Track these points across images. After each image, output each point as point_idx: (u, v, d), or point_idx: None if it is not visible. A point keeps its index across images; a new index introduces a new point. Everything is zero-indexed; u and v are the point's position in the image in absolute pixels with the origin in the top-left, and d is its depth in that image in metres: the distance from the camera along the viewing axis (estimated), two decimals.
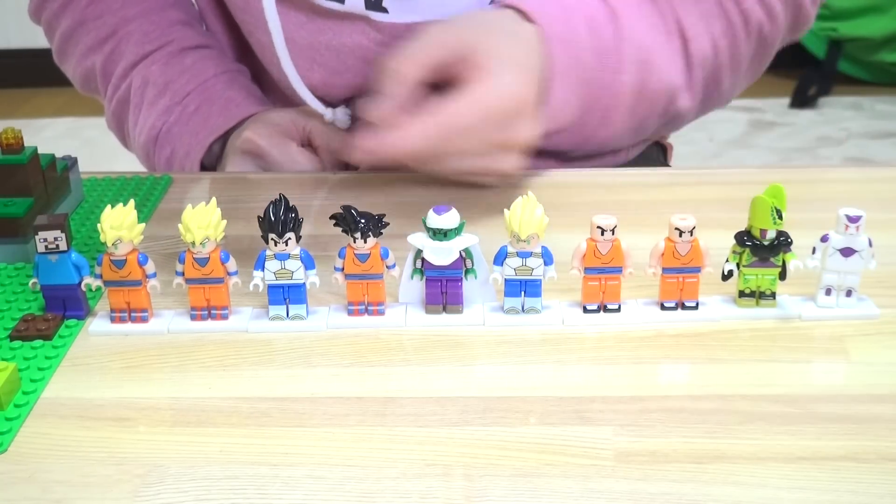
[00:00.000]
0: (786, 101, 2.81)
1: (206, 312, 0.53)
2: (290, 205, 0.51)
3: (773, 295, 0.53)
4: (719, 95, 0.78)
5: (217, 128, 0.78)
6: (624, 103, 0.71)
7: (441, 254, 0.52)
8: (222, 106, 0.79)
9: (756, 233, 0.52)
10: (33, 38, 3.29)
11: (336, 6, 0.74)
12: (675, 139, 0.93)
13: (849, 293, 0.53)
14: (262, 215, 0.51)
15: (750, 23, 0.74)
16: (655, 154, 0.89)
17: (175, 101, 0.79)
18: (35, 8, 0.87)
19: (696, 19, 0.72)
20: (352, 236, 0.52)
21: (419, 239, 0.53)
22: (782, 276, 0.53)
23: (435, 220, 0.52)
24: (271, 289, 0.53)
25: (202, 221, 0.51)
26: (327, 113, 0.76)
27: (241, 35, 0.83)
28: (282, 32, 0.73)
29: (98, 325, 0.54)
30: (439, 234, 0.52)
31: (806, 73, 2.82)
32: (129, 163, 0.87)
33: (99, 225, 0.51)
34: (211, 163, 0.80)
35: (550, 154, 0.75)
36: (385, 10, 0.74)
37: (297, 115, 0.78)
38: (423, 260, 0.53)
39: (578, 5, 0.70)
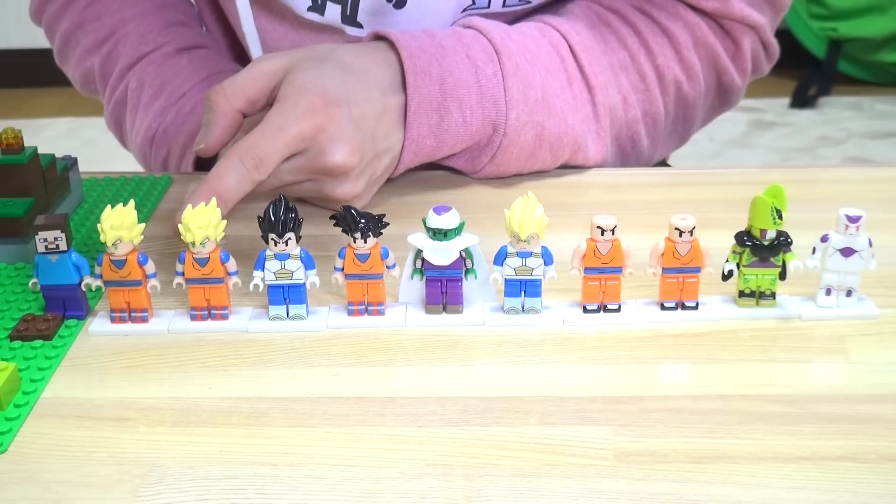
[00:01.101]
0: (786, 101, 2.81)
1: (206, 312, 0.54)
2: (290, 205, 0.51)
3: (773, 295, 0.53)
4: (637, 154, 0.76)
5: None
6: (514, 143, 0.68)
7: (441, 254, 0.52)
8: None
9: (756, 233, 0.52)
10: (33, 38, 3.29)
11: (316, 18, 0.74)
12: None
13: (849, 293, 0.53)
14: (262, 215, 0.51)
15: (665, 79, 0.73)
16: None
17: (171, 101, 0.79)
18: (35, 10, 0.87)
19: (602, 69, 0.71)
20: (352, 236, 0.52)
21: (419, 239, 0.53)
22: (782, 276, 0.53)
23: (435, 220, 0.52)
24: (271, 289, 0.53)
25: (202, 221, 0.51)
26: None
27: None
28: (258, 43, 0.74)
29: (98, 325, 0.54)
30: (439, 234, 0.52)
31: (806, 73, 2.82)
32: (128, 163, 0.87)
33: (99, 225, 0.51)
34: (206, 165, 0.80)
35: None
36: (360, 26, 0.74)
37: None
38: (423, 260, 0.53)
39: (458, 46, 0.67)
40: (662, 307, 0.53)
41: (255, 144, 0.59)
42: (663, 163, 0.90)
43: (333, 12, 0.74)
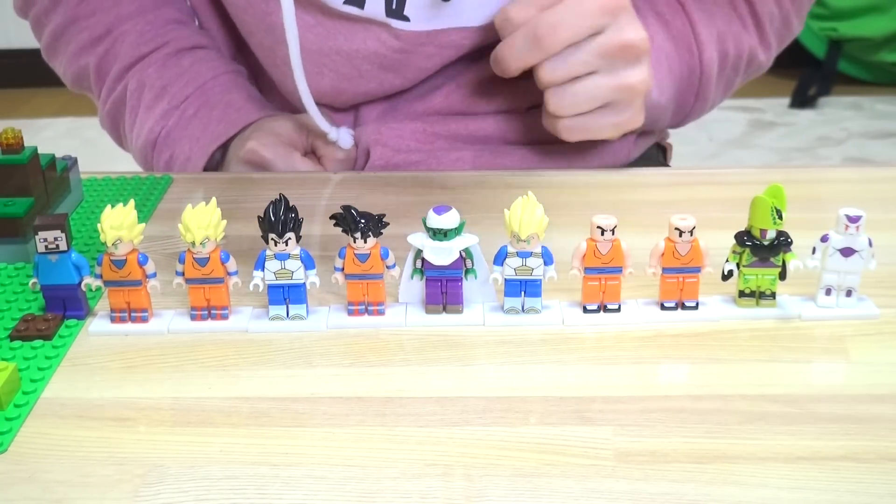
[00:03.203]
0: (786, 101, 2.81)
1: (206, 312, 0.53)
2: (290, 205, 0.51)
3: (773, 295, 0.53)
4: (792, 35, 0.82)
5: (218, 135, 0.78)
6: (711, 77, 0.76)
7: (441, 254, 0.52)
8: (222, 111, 0.78)
9: (756, 233, 0.52)
10: (33, 38, 3.29)
11: (355, 11, 0.73)
12: (674, 139, 0.93)
13: (849, 293, 0.53)
14: (262, 215, 0.51)
15: (753, 61, 0.80)
16: (655, 154, 0.89)
17: (173, 104, 0.78)
18: (22, 4, 0.85)
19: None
20: (352, 236, 0.52)
21: (419, 239, 0.53)
22: (782, 276, 0.53)
23: (435, 220, 0.52)
24: (271, 289, 0.53)
25: (202, 221, 0.51)
26: (331, 132, 0.75)
27: (238, 32, 0.82)
28: (298, 43, 0.71)
29: (98, 325, 0.54)
30: (439, 234, 0.52)
31: (806, 73, 2.82)
32: (129, 163, 0.87)
33: (99, 225, 0.51)
34: (212, 169, 0.80)
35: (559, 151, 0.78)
36: (406, 19, 0.73)
37: (300, 123, 0.77)
38: (423, 260, 0.53)
39: (645, 3, 0.74)
40: (662, 307, 0.53)
41: (552, 18, 0.62)
42: (663, 163, 0.90)
43: (375, 6, 0.72)
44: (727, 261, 0.53)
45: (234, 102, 0.79)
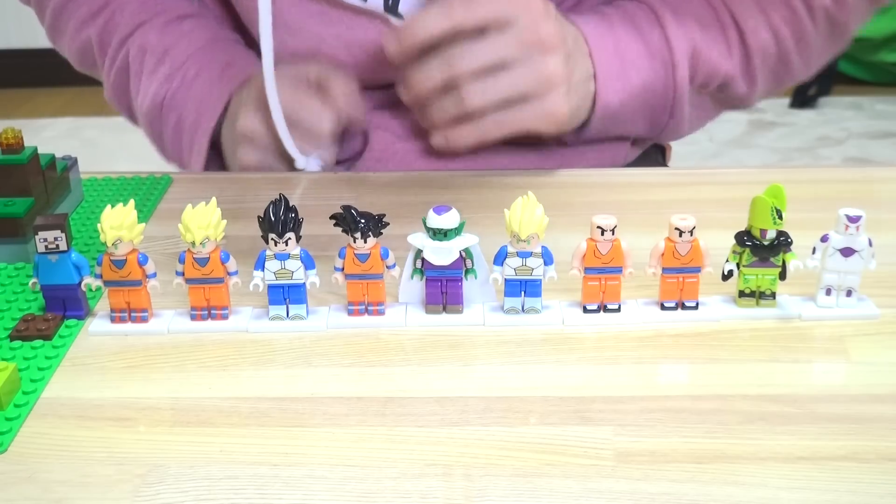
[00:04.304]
0: (786, 101, 2.81)
1: (206, 312, 0.54)
2: (290, 205, 0.51)
3: (773, 295, 0.53)
4: (791, 75, 0.80)
5: (223, 94, 0.77)
6: (684, 95, 0.74)
7: (441, 254, 0.52)
8: (221, 70, 0.78)
9: (756, 233, 0.52)
10: (33, 38, 3.30)
11: (357, 2, 0.74)
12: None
13: (849, 293, 0.53)
14: (262, 215, 0.51)
15: (814, 8, 0.75)
16: (654, 155, 0.89)
17: (175, 67, 0.78)
18: None
19: (752, 12, 0.74)
20: (352, 236, 0.52)
21: (419, 239, 0.53)
22: (782, 276, 0.53)
23: (435, 220, 0.52)
24: (271, 289, 0.53)
25: (202, 221, 0.51)
26: (300, 160, 0.74)
27: (237, 14, 0.82)
28: (272, 55, 0.71)
29: (98, 325, 0.54)
30: (439, 234, 0.52)
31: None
32: (129, 163, 0.87)
33: (99, 225, 0.51)
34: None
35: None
36: (400, 16, 0.74)
37: (307, 65, 0.76)
38: (423, 260, 0.53)
39: (622, 16, 0.74)
40: (662, 307, 0.53)
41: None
42: (662, 164, 0.90)
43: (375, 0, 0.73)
44: (727, 261, 0.53)
45: (233, 62, 0.78)
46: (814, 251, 0.52)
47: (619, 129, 0.77)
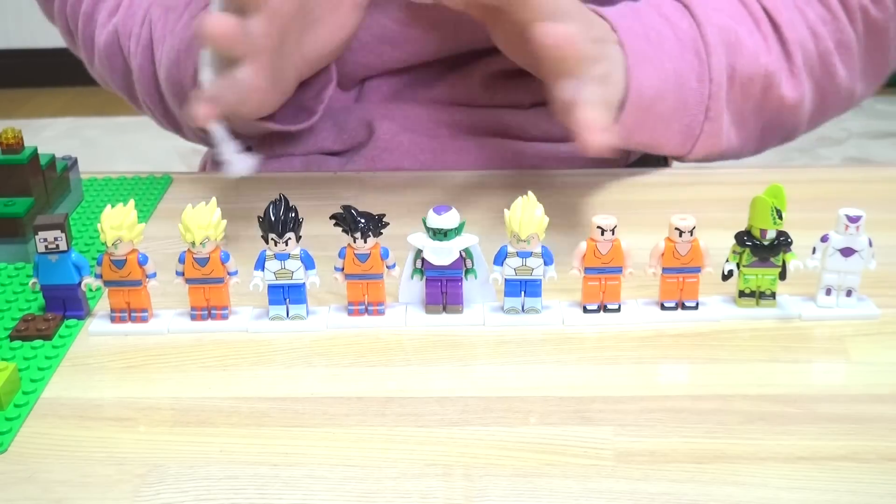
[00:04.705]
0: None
1: (206, 312, 0.54)
2: (290, 205, 0.51)
3: (773, 295, 0.53)
4: (836, 88, 0.74)
5: None
6: (721, 88, 0.68)
7: (441, 254, 0.52)
8: None
9: (756, 233, 0.52)
10: (33, 38, 3.30)
11: None
12: None
13: (849, 293, 0.53)
14: (262, 215, 0.51)
15: (850, 6, 0.71)
16: (656, 155, 0.88)
17: (193, 13, 0.71)
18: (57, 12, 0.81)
19: (785, 5, 0.70)
20: (352, 236, 0.52)
21: (419, 239, 0.53)
22: (782, 276, 0.53)
23: (435, 220, 0.52)
24: (271, 289, 0.53)
25: (202, 221, 0.51)
26: (228, 152, 0.62)
27: None
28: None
29: (98, 325, 0.54)
30: (439, 234, 0.52)
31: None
32: (129, 163, 0.87)
33: (99, 225, 0.51)
34: None
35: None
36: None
37: None
38: (423, 260, 0.53)
39: (647, 6, 0.69)
40: (662, 307, 0.53)
41: None
42: (665, 162, 0.90)
43: None
44: (727, 261, 0.53)
45: None
46: (814, 251, 0.52)
47: (650, 130, 0.68)
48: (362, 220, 0.51)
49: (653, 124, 0.68)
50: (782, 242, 0.52)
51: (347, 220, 0.52)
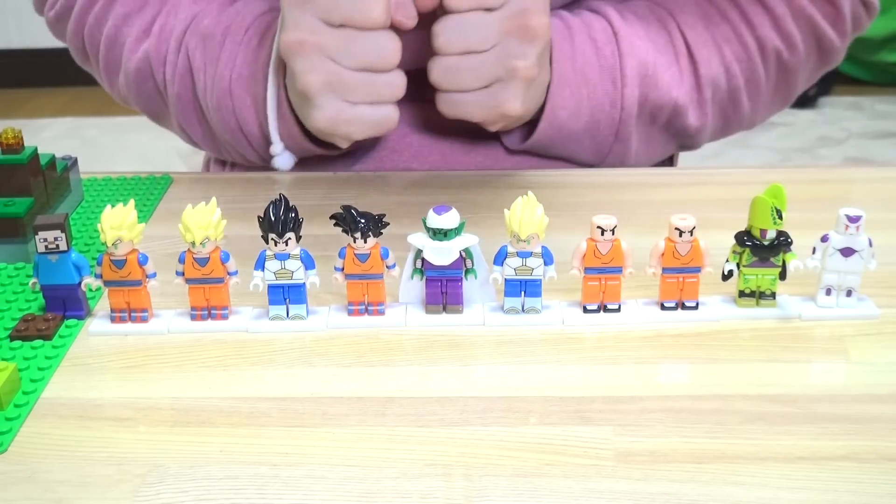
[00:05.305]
0: None
1: (206, 312, 0.54)
2: (290, 205, 0.51)
3: (773, 295, 0.53)
4: (739, 118, 0.79)
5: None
6: (631, 116, 0.73)
7: (441, 254, 0.52)
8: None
9: (756, 233, 0.52)
10: (33, 38, 3.30)
11: None
12: None
13: (849, 293, 0.53)
14: (262, 215, 0.51)
15: (766, 49, 0.75)
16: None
17: (236, 41, 0.72)
18: (70, 34, 0.80)
19: (706, 42, 0.74)
20: (352, 236, 0.52)
21: (419, 239, 0.53)
22: (782, 276, 0.53)
23: (435, 220, 0.52)
24: (271, 289, 0.53)
25: (202, 221, 0.51)
26: (277, 146, 0.71)
27: None
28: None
29: (98, 325, 0.54)
30: (439, 234, 0.52)
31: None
32: (129, 163, 0.87)
33: (99, 225, 0.51)
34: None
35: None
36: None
37: None
38: (423, 260, 0.53)
39: (581, 26, 0.72)
40: (662, 307, 0.53)
41: None
42: (669, 162, 0.90)
43: None
44: (727, 261, 0.53)
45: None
46: (814, 251, 0.52)
47: (562, 147, 0.74)
48: (362, 220, 0.51)
49: (565, 141, 0.74)
50: (782, 242, 0.52)
51: (347, 220, 0.52)
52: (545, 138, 0.73)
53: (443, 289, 0.53)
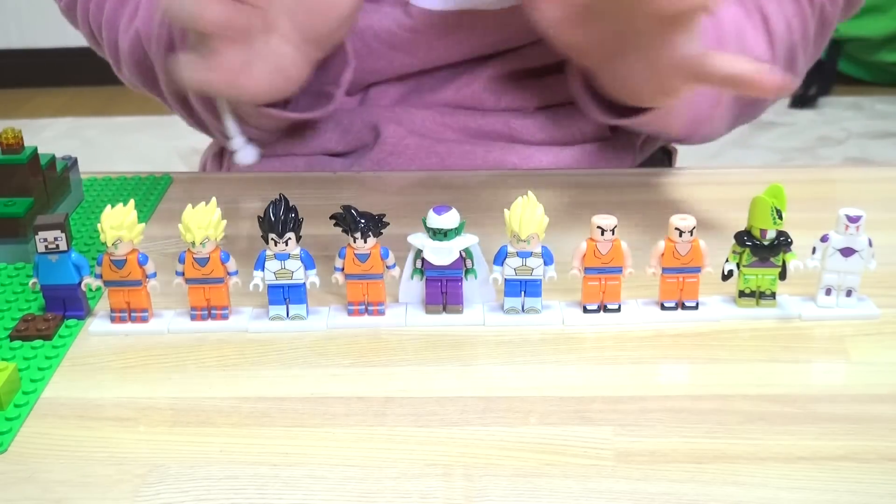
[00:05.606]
0: (786, 100, 2.81)
1: (206, 312, 0.54)
2: (290, 205, 0.51)
3: (773, 295, 0.53)
4: (795, 77, 0.76)
5: None
6: None
7: (441, 254, 0.52)
8: None
9: (756, 233, 0.52)
10: (33, 38, 3.30)
11: None
12: None
13: (849, 293, 0.53)
14: (262, 215, 0.51)
15: (814, 3, 0.74)
16: (660, 158, 0.89)
17: None
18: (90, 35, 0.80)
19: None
20: (352, 236, 0.52)
21: (419, 239, 0.53)
22: (782, 276, 0.53)
23: (435, 220, 0.52)
24: (271, 289, 0.53)
25: (202, 221, 0.51)
26: (237, 140, 0.65)
27: None
28: None
29: (98, 325, 0.54)
30: (439, 234, 0.52)
31: (806, 72, 2.82)
32: (129, 163, 0.87)
33: (99, 225, 0.51)
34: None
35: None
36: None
37: None
38: (423, 260, 0.53)
39: None
40: (662, 307, 0.54)
41: None
42: (669, 162, 0.90)
43: None
44: (727, 261, 0.53)
45: None
46: (814, 251, 0.52)
47: (680, 118, 0.71)
48: (362, 220, 0.51)
49: (684, 111, 0.70)
50: (782, 242, 0.52)
51: (347, 220, 0.52)
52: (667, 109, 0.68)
53: (443, 289, 0.53)
